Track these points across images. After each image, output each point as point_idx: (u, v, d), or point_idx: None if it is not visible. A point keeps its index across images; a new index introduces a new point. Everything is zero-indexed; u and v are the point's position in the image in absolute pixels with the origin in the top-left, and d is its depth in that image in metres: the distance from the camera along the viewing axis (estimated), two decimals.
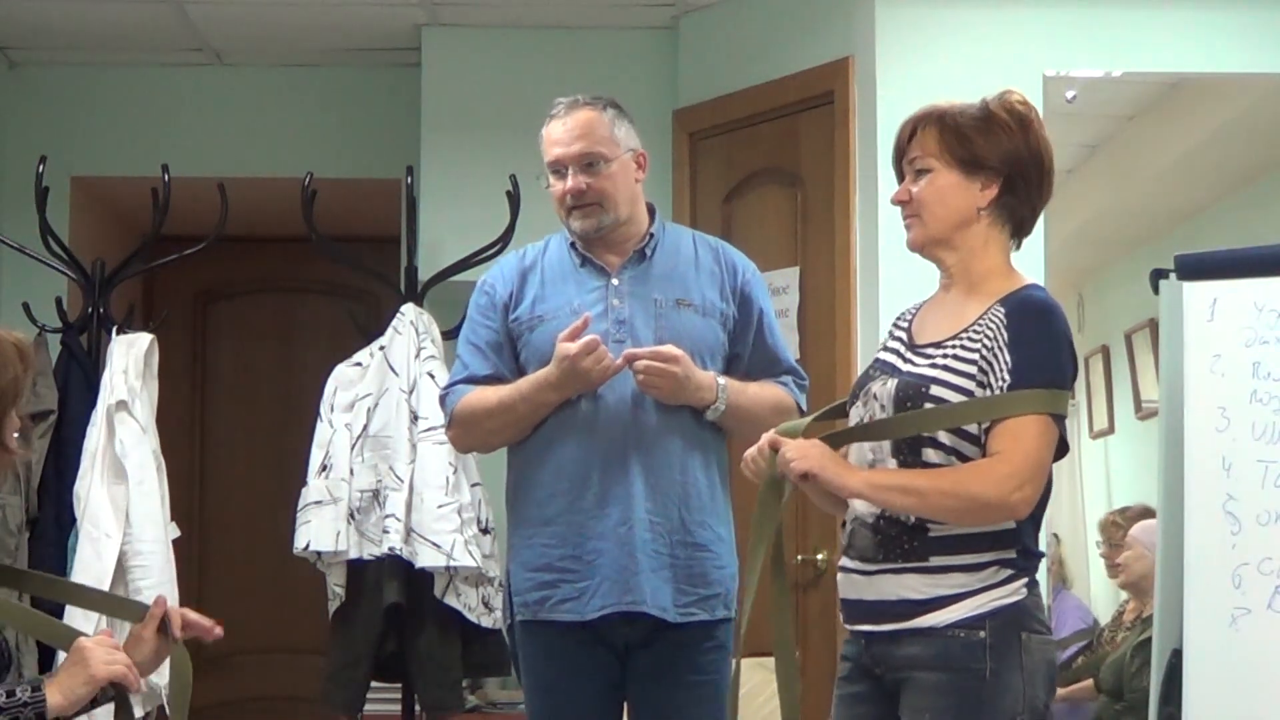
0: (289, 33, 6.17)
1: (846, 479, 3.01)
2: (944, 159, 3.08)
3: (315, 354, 6.98)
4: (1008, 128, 3.07)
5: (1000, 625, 2.95)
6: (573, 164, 3.65)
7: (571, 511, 3.61)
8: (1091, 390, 8.67)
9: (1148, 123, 6.82)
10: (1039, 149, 3.10)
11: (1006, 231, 3.12)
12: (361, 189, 6.39)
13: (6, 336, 2.82)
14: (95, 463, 4.98)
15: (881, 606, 3.01)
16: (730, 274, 3.74)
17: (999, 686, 2.93)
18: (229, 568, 7.28)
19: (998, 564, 2.98)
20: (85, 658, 2.71)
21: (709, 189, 5.81)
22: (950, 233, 3.09)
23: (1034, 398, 2.96)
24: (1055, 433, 2.98)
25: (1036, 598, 3.03)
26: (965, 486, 2.95)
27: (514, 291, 3.72)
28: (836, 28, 5.44)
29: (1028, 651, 2.96)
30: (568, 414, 3.62)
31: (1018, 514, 2.96)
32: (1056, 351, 3.01)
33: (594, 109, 3.69)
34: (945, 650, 2.95)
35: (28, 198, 5.43)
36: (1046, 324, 3.02)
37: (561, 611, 3.61)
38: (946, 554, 2.97)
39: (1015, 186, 3.08)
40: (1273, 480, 3.61)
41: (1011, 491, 2.92)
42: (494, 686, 5.77)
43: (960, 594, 2.96)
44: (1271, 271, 3.72)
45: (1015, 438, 2.94)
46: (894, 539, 3.01)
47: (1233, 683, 3.61)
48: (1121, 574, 6.28)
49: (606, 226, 3.68)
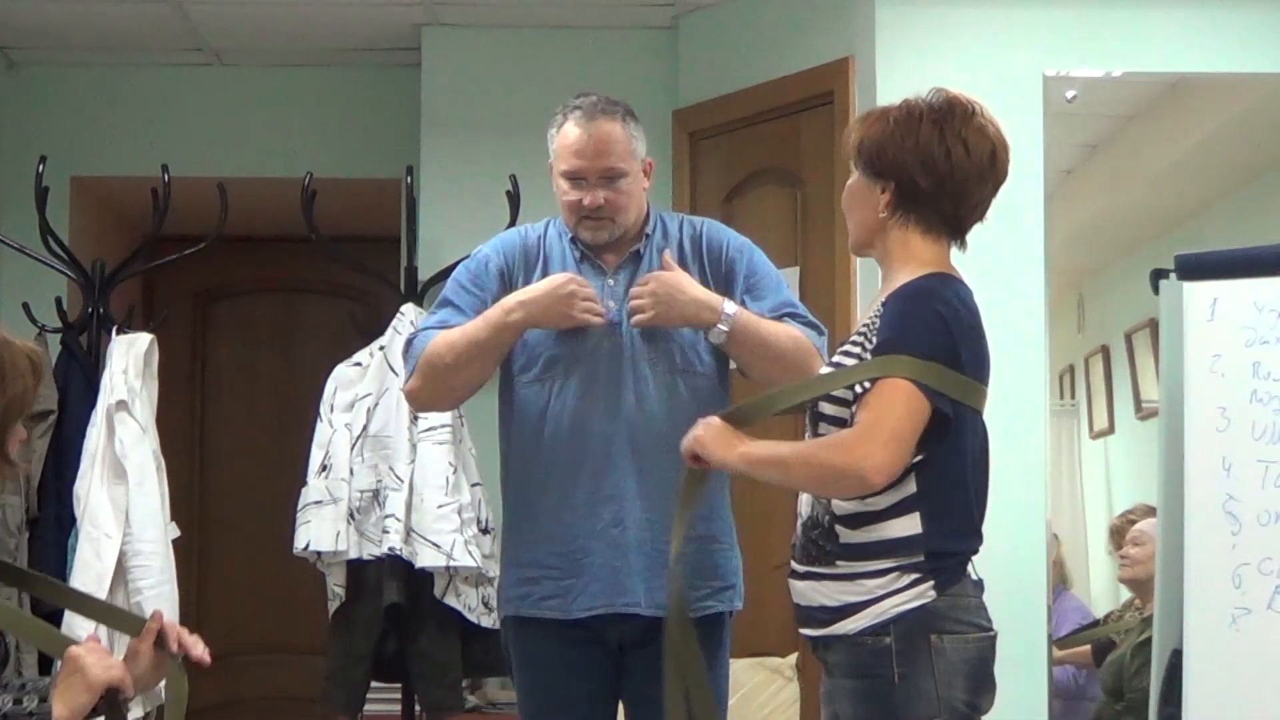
0: (289, 33, 6.17)
1: (725, 455, 3.04)
2: (856, 160, 3.12)
3: (315, 354, 6.99)
4: (900, 131, 3.04)
5: (906, 630, 2.94)
6: (593, 178, 3.64)
7: (561, 509, 3.60)
8: (1091, 390, 8.65)
9: (1148, 123, 6.81)
10: (929, 150, 3.02)
11: (920, 233, 3.07)
12: (361, 189, 6.39)
13: (21, 347, 2.82)
14: (95, 463, 4.98)
15: (808, 612, 3.05)
16: (713, 260, 3.71)
17: (909, 691, 2.93)
18: (229, 568, 7.28)
19: (898, 569, 2.96)
20: (81, 666, 2.70)
21: (709, 189, 5.81)
22: (867, 236, 3.13)
23: (891, 362, 2.93)
24: (919, 401, 2.91)
25: (956, 598, 2.99)
26: (820, 455, 2.97)
27: (516, 265, 3.70)
28: (836, 28, 5.44)
29: (940, 654, 2.94)
30: (560, 409, 3.61)
31: (872, 482, 2.90)
32: (918, 321, 2.96)
33: (614, 119, 3.66)
34: (856, 658, 2.97)
35: (28, 198, 5.43)
36: (915, 303, 2.99)
37: (544, 608, 3.60)
38: (851, 560, 2.98)
39: (911, 191, 3.05)
40: (1273, 480, 3.61)
41: (863, 458, 2.89)
42: (494, 686, 5.77)
43: (866, 600, 2.97)
44: (1271, 271, 3.73)
45: (870, 407, 2.93)
46: (812, 542, 3.04)
47: (1233, 683, 3.62)
48: (1131, 568, 6.21)
49: (615, 238, 3.69)
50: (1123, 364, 8.21)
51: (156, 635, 2.80)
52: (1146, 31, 5.36)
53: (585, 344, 3.61)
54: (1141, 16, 5.34)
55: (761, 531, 5.28)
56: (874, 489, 2.93)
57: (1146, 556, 6.05)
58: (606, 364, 3.61)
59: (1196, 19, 5.34)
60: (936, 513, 2.98)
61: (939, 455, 2.98)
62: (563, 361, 3.62)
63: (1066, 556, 7.94)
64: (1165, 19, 5.35)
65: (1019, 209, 5.08)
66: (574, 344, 3.61)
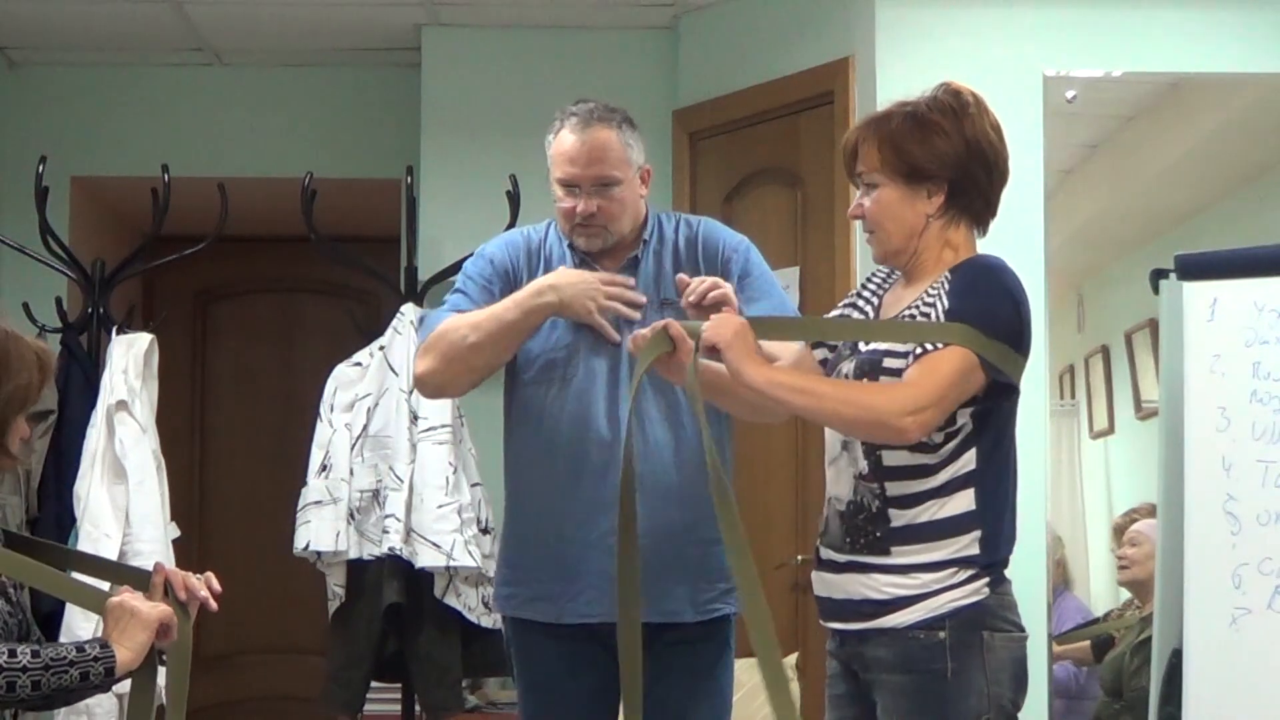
0: (289, 33, 6.17)
1: (746, 366, 2.99)
2: (886, 173, 3.08)
3: (315, 354, 7.00)
4: (942, 130, 3.05)
5: (960, 625, 2.95)
6: (586, 185, 3.63)
7: (559, 514, 3.58)
8: (1091, 390, 8.65)
9: (1148, 123, 6.81)
10: (980, 141, 3.07)
11: (963, 225, 3.11)
12: (361, 189, 6.39)
13: (31, 343, 2.89)
14: (95, 463, 4.98)
15: (849, 605, 3.03)
16: (708, 259, 3.68)
17: (961, 686, 2.94)
18: (229, 568, 7.18)
19: (958, 564, 2.97)
20: (131, 609, 2.78)
21: (709, 189, 5.81)
22: (905, 243, 3.10)
23: (954, 330, 2.95)
24: (975, 372, 2.94)
25: (1003, 596, 3.02)
26: (863, 397, 2.97)
27: (520, 264, 3.70)
28: (836, 28, 5.44)
29: (990, 650, 2.96)
30: (559, 413, 3.59)
31: (907, 436, 2.92)
32: (992, 297, 2.99)
33: (610, 127, 3.64)
34: (906, 652, 2.97)
35: (28, 198, 5.43)
36: (987, 276, 3.02)
37: (532, 611, 3.59)
38: (906, 544, 2.97)
39: (962, 187, 3.07)
40: (1273, 480, 3.61)
41: (905, 413, 2.90)
42: (494, 686, 5.77)
43: (919, 595, 2.97)
44: (1271, 271, 3.73)
45: (927, 368, 2.94)
46: (859, 528, 3.02)
47: (1233, 683, 3.62)
48: (1129, 570, 6.21)
49: (609, 245, 3.67)
50: (1123, 364, 8.21)
51: (164, 587, 2.85)
52: (1146, 31, 5.36)
53: (584, 349, 3.60)
54: (1141, 16, 5.34)
55: (761, 531, 5.29)
56: (905, 442, 2.94)
57: (1144, 557, 6.04)
58: (606, 370, 3.60)
59: (1196, 19, 5.34)
60: (990, 489, 3.00)
61: (997, 431, 3.01)
62: (560, 367, 3.61)
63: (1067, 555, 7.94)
64: (1165, 19, 5.35)
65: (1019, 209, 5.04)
66: (573, 349, 3.60)
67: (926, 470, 2.98)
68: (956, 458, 2.98)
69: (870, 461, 3.02)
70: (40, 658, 2.70)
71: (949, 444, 2.99)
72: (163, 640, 2.81)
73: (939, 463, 2.98)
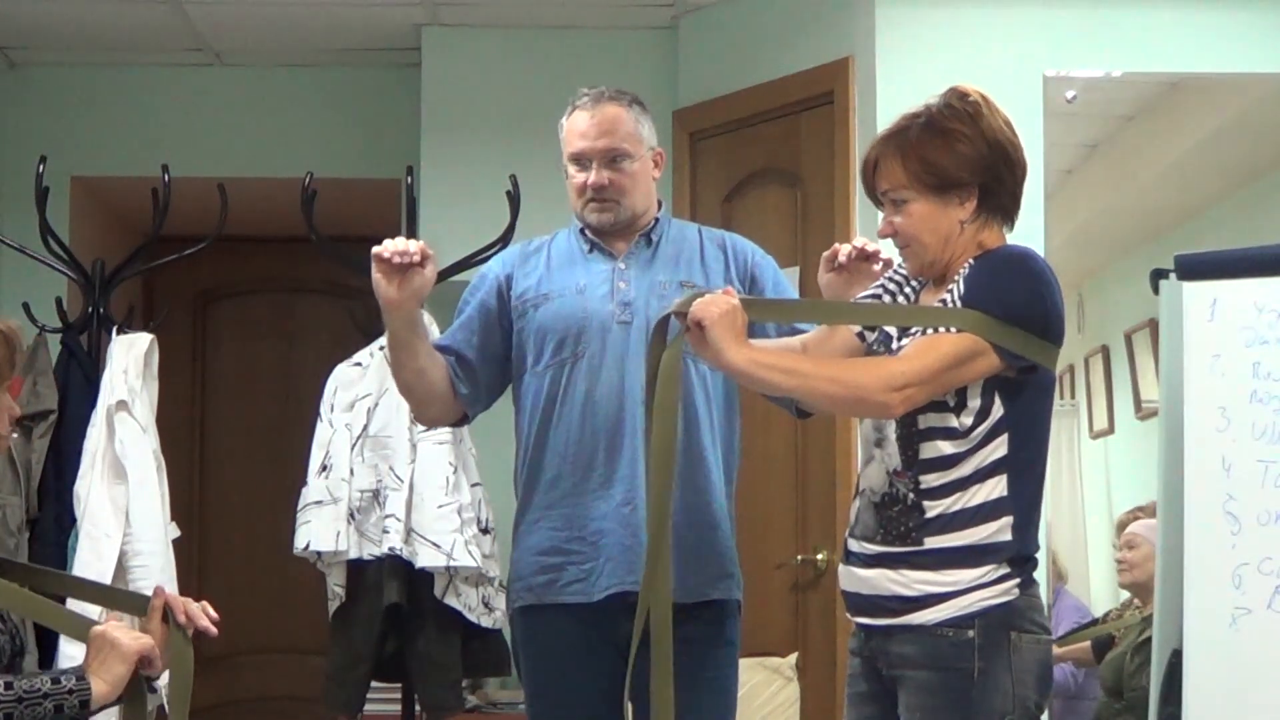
0: (289, 33, 6.17)
1: (729, 347, 2.97)
2: (915, 187, 3.06)
3: (315, 354, 7.00)
4: (964, 136, 3.05)
5: (989, 625, 2.96)
6: (597, 158, 3.66)
7: (576, 493, 3.61)
8: (1091, 390, 8.67)
9: (1148, 123, 6.82)
10: (999, 138, 3.07)
11: (994, 224, 3.10)
12: (361, 189, 6.39)
13: None
14: (95, 463, 4.98)
15: (877, 600, 3.03)
16: (736, 259, 3.73)
17: (988, 686, 2.94)
18: (229, 568, 7.28)
19: (993, 564, 2.97)
20: (111, 640, 2.74)
21: (709, 189, 5.81)
22: (942, 253, 3.09)
23: (961, 315, 2.95)
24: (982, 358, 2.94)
25: (1032, 598, 3.03)
26: (847, 374, 2.98)
27: (513, 272, 3.73)
28: (836, 28, 5.45)
29: (1017, 651, 2.97)
30: (571, 392, 3.62)
31: (891, 411, 2.93)
32: (1008, 282, 2.99)
33: (620, 104, 3.71)
34: (934, 649, 2.96)
35: (28, 198, 5.43)
36: (1007, 263, 3.02)
37: (568, 594, 3.59)
38: (937, 535, 2.97)
39: (991, 188, 3.07)
40: (1273, 480, 3.61)
41: (890, 388, 2.91)
42: (494, 686, 5.77)
43: (950, 593, 2.97)
44: (1271, 271, 3.72)
45: (924, 346, 2.95)
46: (893, 519, 3.01)
47: (1233, 683, 3.62)
48: (1129, 573, 6.21)
49: (622, 221, 3.69)
50: (1123, 364, 8.23)
51: (163, 611, 2.83)
52: (1146, 31, 5.36)
53: (594, 327, 3.62)
54: (1141, 16, 5.34)
55: (761, 531, 5.29)
56: (889, 417, 2.96)
57: (1143, 558, 6.05)
58: (616, 347, 3.61)
59: (1196, 19, 5.34)
60: (1022, 475, 3.00)
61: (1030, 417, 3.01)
62: (570, 345, 3.63)
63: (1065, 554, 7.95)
64: (1165, 19, 5.35)
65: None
66: (583, 328, 3.63)
67: (958, 459, 2.98)
68: (987, 443, 2.98)
69: (905, 458, 3.01)
70: (14, 689, 2.67)
71: (979, 427, 2.98)
72: (147, 669, 2.78)
73: (970, 449, 2.98)
